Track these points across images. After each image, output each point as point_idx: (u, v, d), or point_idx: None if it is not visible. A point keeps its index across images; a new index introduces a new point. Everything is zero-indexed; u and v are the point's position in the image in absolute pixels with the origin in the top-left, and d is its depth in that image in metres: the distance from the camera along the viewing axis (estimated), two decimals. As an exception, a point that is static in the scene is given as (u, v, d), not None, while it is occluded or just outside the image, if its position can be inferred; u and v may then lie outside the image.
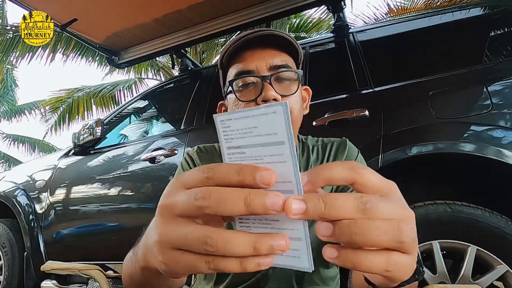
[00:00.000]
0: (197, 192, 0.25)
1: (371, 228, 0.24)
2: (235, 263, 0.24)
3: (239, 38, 0.63)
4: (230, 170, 0.25)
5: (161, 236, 0.27)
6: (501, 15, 1.53)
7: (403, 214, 0.26)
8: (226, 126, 0.25)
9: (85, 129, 2.07)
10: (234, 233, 0.24)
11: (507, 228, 1.16)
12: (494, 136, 1.20)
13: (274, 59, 0.63)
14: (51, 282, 2.03)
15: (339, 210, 0.24)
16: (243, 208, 0.24)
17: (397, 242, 0.25)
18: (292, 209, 0.23)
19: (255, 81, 0.62)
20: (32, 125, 40.56)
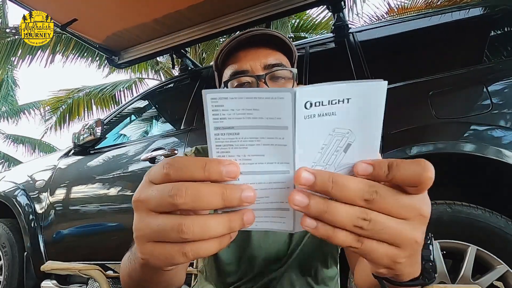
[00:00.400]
0: (171, 188, 0.25)
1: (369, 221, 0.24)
2: (214, 244, 0.25)
3: (233, 39, 0.64)
4: (195, 165, 0.25)
5: (137, 231, 0.28)
6: (501, 15, 1.53)
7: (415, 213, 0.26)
8: (218, 105, 0.24)
9: (85, 129, 2.06)
10: (208, 216, 0.25)
11: (507, 228, 1.16)
12: (494, 136, 1.20)
13: (268, 58, 0.63)
14: (51, 282, 2.03)
15: (345, 192, 0.24)
16: (220, 203, 0.25)
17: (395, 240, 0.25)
18: (302, 178, 0.25)
19: (250, 81, 0.63)
20: (32, 126, 40.57)
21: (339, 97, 0.24)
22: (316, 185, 0.25)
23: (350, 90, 0.24)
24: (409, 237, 0.26)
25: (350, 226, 0.25)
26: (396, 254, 0.26)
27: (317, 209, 0.25)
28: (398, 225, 0.25)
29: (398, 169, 0.24)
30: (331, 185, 0.24)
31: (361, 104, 0.24)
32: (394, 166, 0.25)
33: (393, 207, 0.25)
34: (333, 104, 0.24)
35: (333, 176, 0.25)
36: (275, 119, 0.24)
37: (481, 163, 1.20)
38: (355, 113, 0.24)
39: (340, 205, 0.25)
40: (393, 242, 0.26)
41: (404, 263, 0.28)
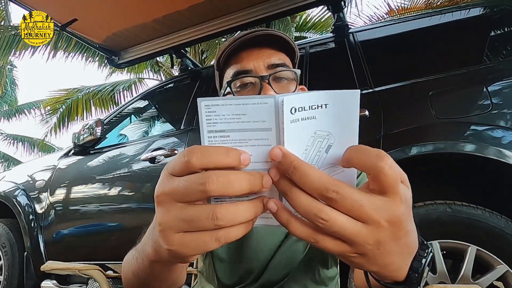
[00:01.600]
0: (202, 176, 0.26)
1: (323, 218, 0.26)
2: (242, 228, 0.28)
3: (236, 39, 0.63)
4: (218, 153, 0.27)
5: (164, 224, 0.29)
6: (501, 15, 1.53)
7: (372, 219, 0.26)
8: (211, 111, 0.27)
9: (85, 129, 2.06)
10: (238, 203, 0.28)
11: (507, 228, 1.16)
12: (494, 136, 1.20)
13: (272, 59, 0.63)
14: (51, 282, 2.03)
15: (304, 180, 0.26)
16: (247, 189, 0.27)
17: (348, 239, 0.27)
18: (272, 152, 0.27)
19: (254, 81, 0.62)
20: (31, 125, 40.58)
21: (318, 103, 0.27)
22: (280, 164, 0.27)
23: (327, 96, 0.27)
24: (362, 239, 0.27)
25: (307, 217, 0.26)
26: (347, 250, 0.28)
27: (282, 188, 0.27)
28: (354, 226, 0.26)
29: (356, 151, 0.27)
30: (291, 169, 0.26)
31: (337, 109, 0.27)
32: (353, 148, 0.27)
33: (353, 209, 0.26)
34: (313, 109, 0.27)
35: (297, 162, 0.26)
36: (260, 122, 0.27)
37: (481, 163, 1.20)
38: (332, 117, 0.27)
39: (302, 193, 0.26)
40: (346, 240, 0.27)
41: (360, 260, 0.29)
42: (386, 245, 0.27)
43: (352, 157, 0.27)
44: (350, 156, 0.27)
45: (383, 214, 0.26)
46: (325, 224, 0.26)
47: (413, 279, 0.31)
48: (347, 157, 0.27)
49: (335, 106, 0.27)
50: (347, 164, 0.28)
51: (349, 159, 0.27)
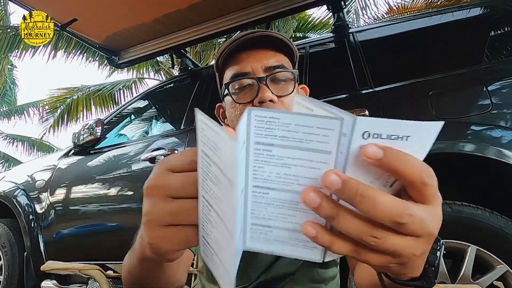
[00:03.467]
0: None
1: (391, 244, 0.24)
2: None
3: (234, 41, 0.63)
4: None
5: (149, 215, 0.29)
6: (501, 15, 1.53)
7: (424, 232, 0.24)
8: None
9: (85, 129, 2.07)
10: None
11: (507, 228, 1.16)
12: (494, 136, 1.20)
13: (269, 60, 0.63)
14: (51, 282, 2.03)
15: (371, 209, 0.23)
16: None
17: (395, 254, 0.25)
18: (329, 179, 0.23)
19: (251, 83, 0.62)
20: (31, 125, 40.52)
21: (399, 134, 0.23)
22: (342, 193, 0.23)
23: (411, 128, 0.23)
24: (410, 252, 0.25)
25: (356, 238, 0.24)
26: (389, 262, 0.26)
27: (326, 212, 0.24)
28: (404, 242, 0.24)
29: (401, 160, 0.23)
30: (358, 198, 0.22)
31: (417, 143, 0.24)
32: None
33: (410, 226, 0.23)
34: (392, 139, 0.23)
35: (362, 188, 0.23)
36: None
37: (481, 163, 1.20)
38: (408, 151, 0.24)
39: (351, 216, 0.24)
40: (393, 255, 0.25)
41: (397, 268, 0.27)
42: (426, 252, 0.27)
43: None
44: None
45: (435, 225, 0.25)
46: (377, 242, 0.24)
47: (429, 273, 0.31)
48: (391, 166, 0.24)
49: (416, 139, 0.24)
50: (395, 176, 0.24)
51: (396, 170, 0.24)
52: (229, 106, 0.66)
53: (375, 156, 0.22)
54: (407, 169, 0.23)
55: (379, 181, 0.25)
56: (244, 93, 0.63)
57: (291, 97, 0.64)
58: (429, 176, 0.24)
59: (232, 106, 0.65)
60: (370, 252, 0.25)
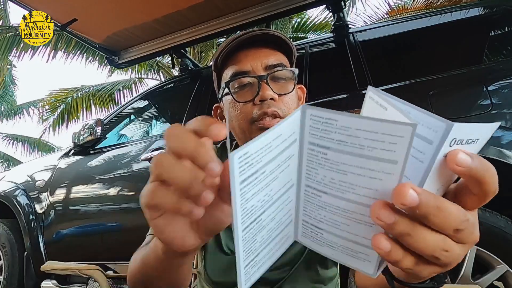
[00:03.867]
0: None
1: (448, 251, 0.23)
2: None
3: (233, 40, 0.63)
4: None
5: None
6: (501, 15, 1.53)
7: (473, 239, 0.24)
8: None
9: (85, 129, 2.06)
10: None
11: (507, 228, 1.16)
12: (494, 136, 1.20)
13: (269, 59, 0.63)
14: (51, 282, 2.03)
15: (442, 220, 0.22)
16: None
17: (447, 263, 0.24)
18: (406, 195, 0.21)
19: (252, 82, 0.62)
20: (31, 125, 40.57)
21: (473, 137, 0.22)
22: (420, 208, 0.21)
23: (481, 131, 0.22)
24: (457, 260, 0.25)
25: (429, 254, 0.23)
26: (438, 271, 0.25)
27: (402, 230, 0.22)
28: (461, 251, 0.24)
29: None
30: (434, 211, 0.21)
31: (480, 144, 0.23)
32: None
33: (463, 233, 0.23)
34: (468, 143, 0.22)
35: (438, 200, 0.22)
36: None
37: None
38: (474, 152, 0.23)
39: (428, 232, 0.23)
40: (446, 266, 0.24)
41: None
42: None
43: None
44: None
45: (477, 232, 0.24)
46: (447, 256, 0.23)
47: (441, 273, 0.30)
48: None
49: (482, 141, 0.23)
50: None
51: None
52: (228, 106, 0.66)
53: (465, 164, 0.21)
54: (491, 178, 0.22)
55: (443, 187, 0.24)
56: (245, 92, 0.63)
57: (292, 96, 0.64)
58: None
59: (232, 105, 0.64)
60: (428, 265, 0.24)
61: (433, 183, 0.22)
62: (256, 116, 0.60)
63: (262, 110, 0.60)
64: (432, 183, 0.22)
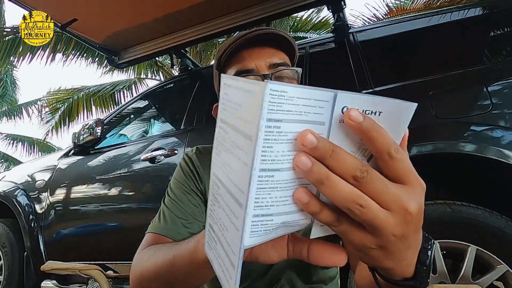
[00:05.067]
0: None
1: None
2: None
3: (237, 38, 0.63)
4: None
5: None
6: (501, 15, 1.53)
7: (399, 206, 0.25)
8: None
9: (85, 129, 2.07)
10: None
11: (507, 228, 1.16)
12: (494, 136, 1.20)
13: (273, 58, 0.63)
14: (51, 282, 2.03)
15: (341, 163, 0.24)
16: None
17: (372, 229, 0.26)
18: (306, 138, 0.24)
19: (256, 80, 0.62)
20: (31, 125, 40.53)
21: (373, 109, 0.25)
22: (317, 149, 0.24)
23: (384, 104, 0.25)
24: (389, 230, 0.25)
25: (344, 204, 0.25)
26: (370, 242, 0.27)
27: (317, 176, 0.24)
28: (384, 216, 0.25)
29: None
30: (330, 153, 0.24)
31: (390, 119, 0.25)
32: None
33: (381, 194, 0.25)
34: (366, 114, 0.25)
35: (334, 146, 0.25)
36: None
37: (481, 163, 1.20)
38: (383, 126, 0.25)
39: (340, 180, 0.24)
40: (370, 230, 0.26)
41: (378, 254, 0.28)
42: (408, 238, 0.27)
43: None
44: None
45: (411, 203, 0.25)
46: (361, 210, 0.24)
47: (421, 272, 0.31)
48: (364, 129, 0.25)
49: (389, 115, 0.25)
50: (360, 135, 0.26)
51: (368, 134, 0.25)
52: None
53: (357, 119, 0.24)
54: (378, 137, 0.24)
55: (356, 154, 0.26)
56: None
57: None
58: (397, 151, 0.25)
59: None
60: (351, 225, 0.26)
61: (342, 146, 0.25)
62: None
63: None
64: (341, 145, 0.25)
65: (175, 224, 0.63)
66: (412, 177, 0.26)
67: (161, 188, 1.70)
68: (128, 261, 1.81)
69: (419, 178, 0.27)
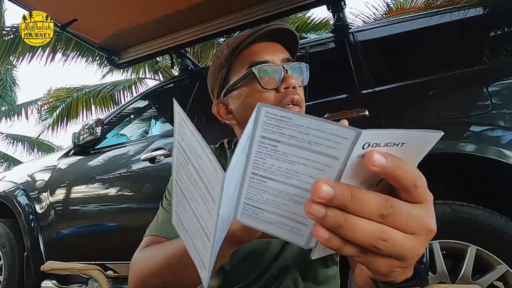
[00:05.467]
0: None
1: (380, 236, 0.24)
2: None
3: (252, 33, 0.64)
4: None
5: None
6: (501, 15, 1.53)
7: (424, 228, 0.25)
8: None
9: (85, 129, 2.06)
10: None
11: (507, 228, 1.16)
12: (494, 136, 1.20)
13: (284, 53, 0.65)
14: (51, 282, 2.03)
15: (364, 206, 0.23)
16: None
17: (401, 256, 0.25)
18: (321, 191, 0.23)
19: (275, 70, 0.62)
20: (31, 125, 40.52)
21: (396, 141, 0.24)
22: (335, 199, 0.23)
23: (407, 135, 0.24)
24: (415, 253, 0.25)
25: (367, 242, 0.24)
26: (396, 265, 0.26)
27: (334, 222, 0.24)
28: (409, 242, 0.25)
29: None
30: (350, 199, 0.23)
31: (411, 149, 0.25)
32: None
33: (406, 222, 0.24)
34: (388, 146, 0.24)
35: (352, 190, 0.24)
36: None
37: (481, 163, 1.20)
38: (402, 155, 0.25)
39: (359, 220, 0.24)
40: (398, 257, 0.25)
41: (400, 273, 0.28)
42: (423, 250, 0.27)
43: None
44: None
45: (432, 222, 0.25)
46: (386, 245, 0.24)
47: (420, 270, 0.31)
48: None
49: (410, 146, 0.25)
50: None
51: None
52: (244, 96, 0.64)
53: (380, 164, 0.23)
54: (404, 174, 0.24)
55: (367, 182, 0.26)
56: (267, 80, 0.62)
57: (303, 89, 0.67)
58: (420, 179, 0.25)
59: (251, 94, 0.63)
60: (376, 255, 0.25)
61: (353, 180, 0.25)
62: (284, 102, 0.61)
63: (289, 97, 0.61)
64: (352, 180, 0.25)
65: (171, 225, 0.63)
66: (428, 196, 0.26)
67: (161, 188, 1.69)
68: (128, 261, 1.81)
69: (429, 192, 0.26)
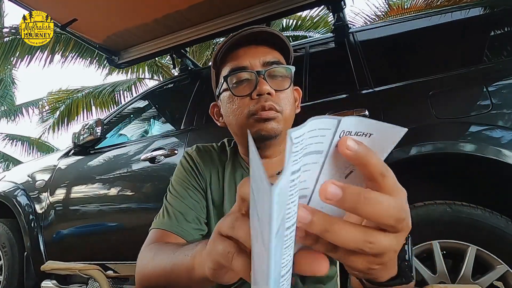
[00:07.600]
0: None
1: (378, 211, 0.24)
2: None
3: (232, 36, 0.64)
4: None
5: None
6: (501, 15, 1.53)
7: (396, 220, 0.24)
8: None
9: (85, 129, 2.06)
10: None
11: (507, 228, 1.16)
12: (494, 136, 1.20)
13: (267, 56, 0.65)
14: (51, 282, 2.03)
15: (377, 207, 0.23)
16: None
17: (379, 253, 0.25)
18: (328, 192, 0.23)
19: (249, 77, 0.64)
20: (31, 125, 40.50)
21: (364, 131, 0.25)
22: (346, 200, 0.23)
23: (375, 127, 0.25)
24: (392, 249, 0.26)
25: (355, 246, 0.24)
26: (374, 261, 0.26)
27: (320, 228, 0.23)
28: (389, 241, 0.25)
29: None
30: (363, 200, 0.23)
31: (378, 141, 0.25)
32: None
33: (376, 211, 0.24)
34: (358, 135, 0.25)
35: (363, 191, 0.23)
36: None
37: (481, 163, 1.20)
38: (371, 147, 0.25)
39: (346, 227, 0.24)
40: (377, 256, 0.26)
41: (378, 270, 0.28)
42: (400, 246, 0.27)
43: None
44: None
45: (404, 216, 0.25)
46: (372, 247, 0.24)
47: (404, 268, 0.31)
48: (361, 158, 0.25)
49: (377, 138, 0.25)
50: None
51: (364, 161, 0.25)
52: (226, 102, 0.67)
53: (353, 148, 0.23)
54: (371, 161, 0.24)
55: (338, 173, 0.26)
56: (242, 87, 0.64)
57: (288, 92, 0.66)
58: (387, 170, 0.25)
59: (230, 101, 0.65)
60: (355, 256, 0.26)
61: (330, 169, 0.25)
62: (253, 109, 0.61)
63: (259, 104, 0.61)
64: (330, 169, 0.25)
65: (178, 220, 0.65)
66: (398, 189, 0.26)
67: (161, 188, 1.70)
68: (128, 261, 1.81)
69: (401, 187, 0.26)
